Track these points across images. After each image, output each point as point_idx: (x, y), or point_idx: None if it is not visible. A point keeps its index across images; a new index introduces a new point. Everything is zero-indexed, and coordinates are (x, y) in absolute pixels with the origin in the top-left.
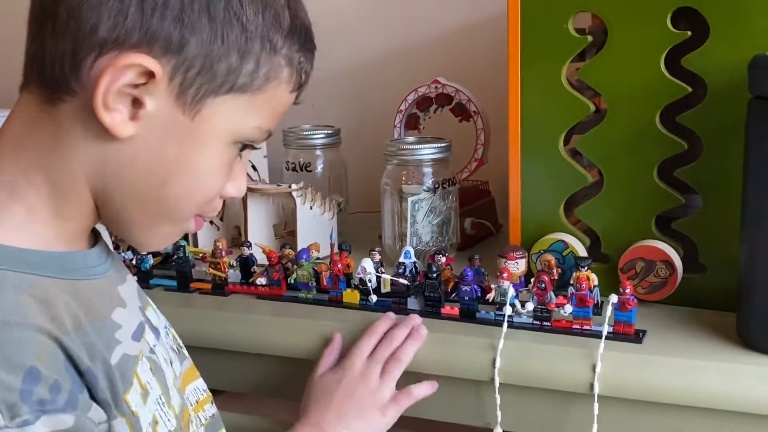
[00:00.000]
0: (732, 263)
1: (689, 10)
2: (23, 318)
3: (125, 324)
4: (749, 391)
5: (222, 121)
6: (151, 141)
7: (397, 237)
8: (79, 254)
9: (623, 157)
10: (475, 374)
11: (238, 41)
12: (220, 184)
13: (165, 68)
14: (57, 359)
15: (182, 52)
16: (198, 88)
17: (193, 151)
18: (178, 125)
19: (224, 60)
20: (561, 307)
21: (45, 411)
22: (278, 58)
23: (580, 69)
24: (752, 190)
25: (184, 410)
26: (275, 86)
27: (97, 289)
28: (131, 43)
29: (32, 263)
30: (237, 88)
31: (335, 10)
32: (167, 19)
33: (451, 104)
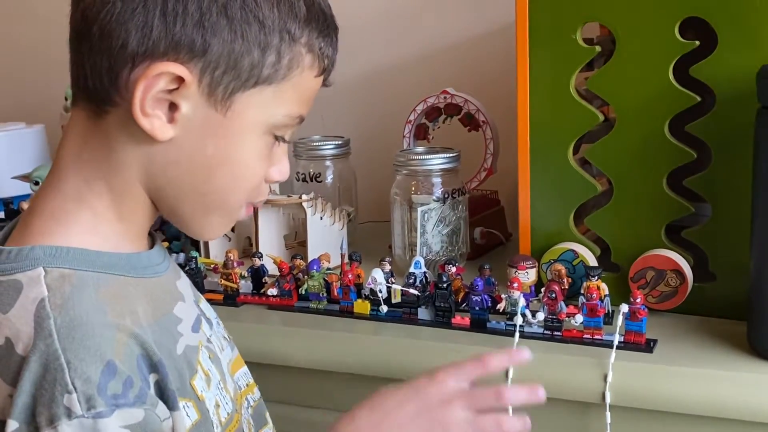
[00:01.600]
0: (742, 272)
1: (697, 20)
2: (103, 315)
3: (185, 317)
4: (760, 400)
5: (253, 113)
6: (190, 140)
7: (407, 247)
8: (144, 254)
9: (632, 167)
10: (487, 384)
11: (258, 37)
12: (261, 173)
13: (193, 72)
14: (132, 355)
15: (206, 54)
16: (226, 86)
17: (230, 145)
18: (213, 122)
19: (246, 56)
20: (572, 316)
21: (118, 405)
22: (298, 47)
23: (589, 79)
24: (761, 198)
25: (237, 394)
26: (299, 74)
27: (160, 285)
28: (159, 52)
29: (105, 264)
30: (262, 81)
31: (343, 22)
32: (188, 26)
33: (460, 114)
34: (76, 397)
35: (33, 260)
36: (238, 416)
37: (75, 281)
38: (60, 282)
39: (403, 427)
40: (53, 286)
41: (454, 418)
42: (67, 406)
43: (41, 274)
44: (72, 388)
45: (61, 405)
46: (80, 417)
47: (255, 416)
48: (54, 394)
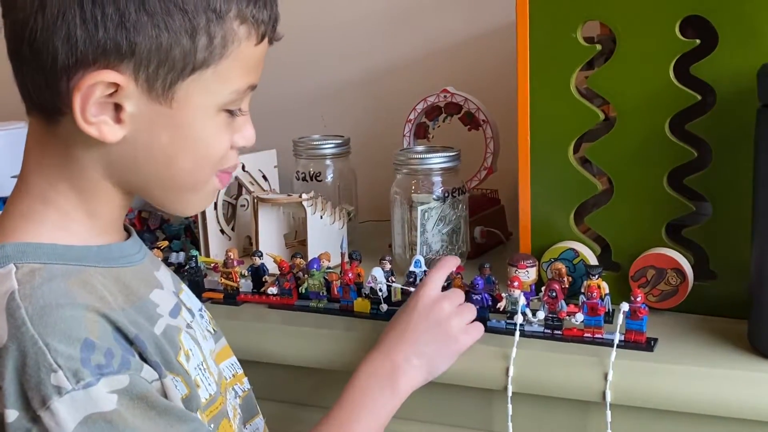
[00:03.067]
0: (742, 270)
1: (698, 19)
2: (72, 299)
3: (162, 303)
4: (761, 399)
5: (198, 98)
6: (142, 135)
7: (407, 246)
8: (114, 245)
9: (633, 165)
10: (488, 383)
11: (183, 24)
12: (224, 146)
13: (126, 73)
14: (106, 331)
15: (135, 54)
16: (164, 80)
17: (183, 132)
18: (160, 115)
19: (176, 46)
20: (572, 315)
21: (103, 374)
22: (228, 23)
23: (589, 77)
24: (762, 197)
25: (221, 381)
26: (236, 48)
27: (134, 274)
28: (89, 60)
29: (75, 256)
30: (199, 66)
31: (344, 22)
32: (111, 30)
33: (460, 113)
34: (62, 374)
35: (4, 257)
36: (222, 399)
37: (45, 274)
38: (30, 276)
39: (420, 337)
40: (23, 280)
41: (453, 327)
42: (56, 384)
43: (12, 270)
44: (57, 367)
45: (49, 385)
46: (71, 391)
47: (244, 406)
48: (40, 376)
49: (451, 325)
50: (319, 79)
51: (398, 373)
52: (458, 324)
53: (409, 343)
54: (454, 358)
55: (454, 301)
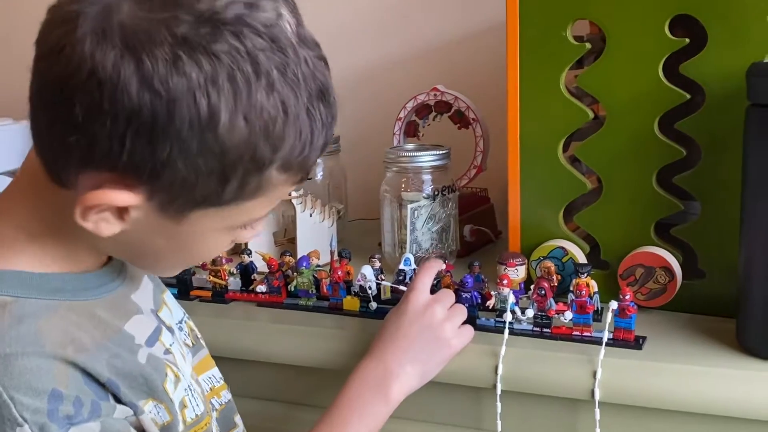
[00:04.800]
0: (731, 269)
1: (687, 18)
2: (40, 347)
3: (139, 333)
4: (748, 397)
5: (210, 222)
6: (139, 234)
7: (396, 244)
8: (92, 275)
9: (622, 164)
10: (477, 381)
11: (216, 169)
12: (221, 249)
13: (140, 194)
14: (75, 378)
15: (155, 183)
16: (179, 206)
17: (182, 241)
18: (164, 226)
19: (202, 186)
20: (561, 313)
21: (72, 423)
22: (268, 172)
23: (579, 76)
24: (751, 196)
25: (205, 396)
26: (269, 192)
27: (110, 304)
28: (106, 167)
29: (51, 289)
30: (221, 204)
31: (334, 19)
32: (137, 156)
33: (450, 111)
34: (28, 428)
35: None
36: (208, 418)
37: (15, 311)
38: (0, 311)
39: (412, 343)
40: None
41: (445, 331)
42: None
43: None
44: (22, 421)
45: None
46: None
47: (221, 420)
48: (5, 429)
49: (444, 329)
50: None
51: (391, 380)
52: (451, 328)
53: (402, 350)
54: (446, 362)
55: (445, 303)
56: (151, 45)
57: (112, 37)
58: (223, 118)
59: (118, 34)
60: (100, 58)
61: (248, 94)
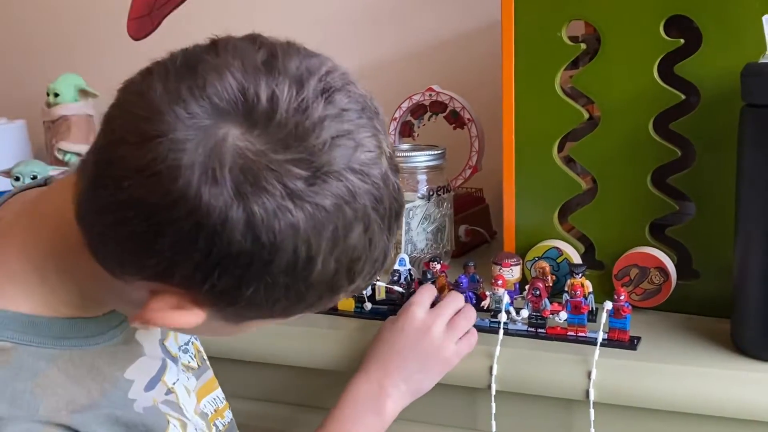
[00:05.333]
0: (725, 270)
1: (682, 19)
2: (34, 411)
3: (138, 377)
4: (743, 397)
5: (262, 324)
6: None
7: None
8: (98, 321)
9: (617, 165)
10: (472, 382)
11: (295, 299)
12: None
13: (206, 311)
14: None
15: (227, 309)
16: (240, 315)
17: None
18: (220, 324)
19: (275, 305)
20: (556, 314)
21: None
22: (339, 296)
23: (574, 76)
24: (745, 196)
25: (209, 419)
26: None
27: (112, 352)
28: (177, 288)
29: (55, 336)
30: (285, 316)
31: (329, 19)
32: (220, 287)
33: (446, 112)
34: None
35: None
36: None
37: (13, 361)
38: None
39: (409, 363)
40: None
41: (444, 350)
42: None
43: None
44: None
45: None
46: None
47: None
48: None
49: (443, 348)
50: None
51: (385, 399)
52: (449, 345)
53: (398, 369)
54: (442, 375)
55: (445, 317)
56: (261, 192)
57: (223, 179)
58: (318, 262)
59: (229, 176)
60: (207, 200)
61: (345, 238)
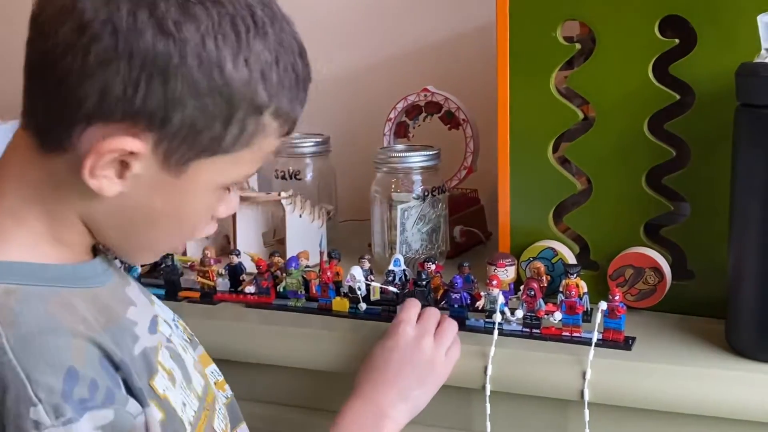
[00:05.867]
0: (720, 270)
1: (677, 19)
2: (56, 324)
3: (140, 320)
4: (738, 398)
5: (207, 176)
6: (137, 195)
7: (386, 245)
8: (87, 265)
9: (612, 165)
10: (466, 382)
11: (222, 111)
12: (206, 218)
13: (147, 143)
14: (92, 357)
15: (165, 127)
16: (182, 155)
17: (179, 201)
18: (163, 182)
19: (207, 130)
20: (550, 314)
21: (87, 408)
22: (264, 117)
23: (569, 77)
24: (740, 196)
25: (208, 391)
26: (261, 140)
27: (108, 293)
28: (116, 118)
29: (51, 277)
30: (221, 151)
31: (324, 19)
32: (151, 99)
33: (440, 112)
34: (42, 409)
35: None
36: (206, 413)
37: (20, 296)
38: (6, 298)
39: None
40: (0, 302)
41: (437, 364)
42: (35, 419)
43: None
44: (36, 401)
45: (27, 419)
46: (50, 427)
47: (230, 412)
48: (19, 409)
49: (435, 363)
50: None
51: (385, 420)
52: (441, 358)
53: (395, 390)
54: (437, 389)
55: (430, 329)
56: None
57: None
58: (228, 59)
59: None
60: (114, 8)
61: (247, 40)
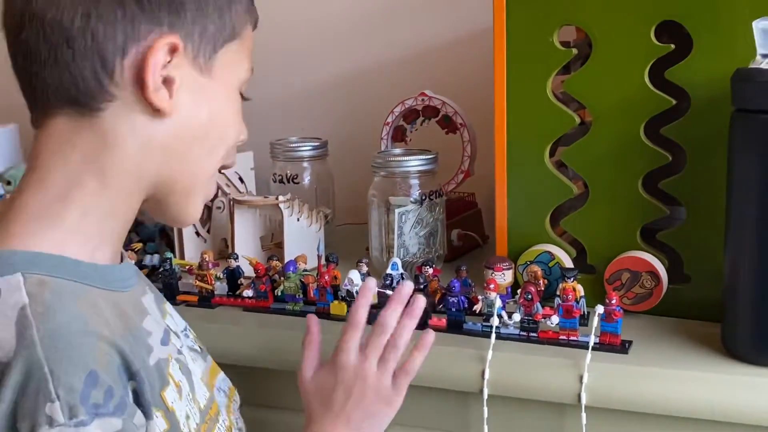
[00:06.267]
0: (716, 274)
1: (673, 24)
2: (84, 324)
3: (154, 331)
4: (734, 401)
5: (228, 72)
6: (188, 110)
7: (384, 249)
8: (117, 267)
9: (608, 169)
10: (464, 386)
11: (216, 3)
12: (240, 129)
13: (178, 41)
14: (112, 364)
15: (183, 25)
16: (204, 49)
17: (219, 107)
18: (201, 87)
19: (211, 21)
20: (548, 318)
21: (98, 414)
22: (240, 6)
23: (565, 81)
24: (735, 201)
25: (212, 404)
26: (245, 28)
27: (129, 300)
28: (144, 33)
29: (82, 274)
30: (227, 39)
31: (322, 23)
32: (164, 5)
33: (438, 116)
34: (58, 406)
35: (11, 265)
36: (205, 426)
37: (54, 288)
38: (40, 289)
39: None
40: (33, 292)
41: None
42: (49, 415)
43: (20, 281)
44: (55, 397)
45: (43, 414)
46: (62, 425)
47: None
48: (37, 402)
49: (380, 388)
50: (297, 81)
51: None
52: (386, 385)
53: (341, 422)
54: (390, 416)
55: (375, 355)
56: None
57: None
58: None
59: None
60: None
61: None
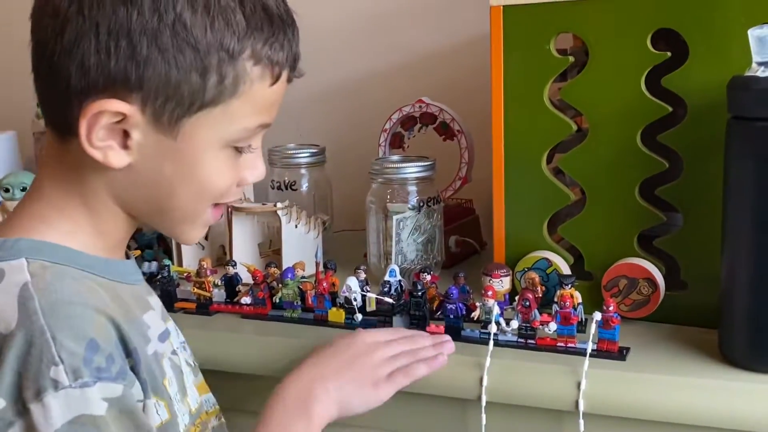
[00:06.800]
0: (713, 280)
1: (669, 32)
2: (83, 299)
3: (153, 325)
4: (732, 408)
5: (204, 133)
6: (147, 164)
7: (382, 255)
8: (120, 262)
9: (605, 176)
10: (462, 393)
11: (194, 62)
12: (227, 182)
13: (133, 105)
14: (110, 335)
15: (143, 87)
16: (170, 114)
17: (187, 165)
18: (165, 146)
19: (185, 84)
20: (545, 324)
21: (101, 377)
22: (241, 63)
23: (562, 89)
24: (732, 207)
25: (201, 413)
26: (248, 88)
27: (131, 293)
28: (99, 89)
29: (84, 263)
30: (208, 104)
31: (320, 31)
32: (122, 61)
33: (435, 123)
34: (62, 369)
35: (17, 251)
36: (194, 429)
37: (55, 272)
38: (41, 270)
39: (343, 371)
40: (35, 273)
41: (378, 373)
42: (54, 378)
43: (24, 264)
44: (59, 360)
45: (47, 377)
46: (67, 387)
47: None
48: (40, 367)
49: (378, 371)
50: (295, 88)
51: (313, 402)
52: (383, 372)
53: (331, 373)
54: (369, 408)
55: (391, 350)
56: None
57: None
58: (186, 9)
59: None
60: None
61: None
